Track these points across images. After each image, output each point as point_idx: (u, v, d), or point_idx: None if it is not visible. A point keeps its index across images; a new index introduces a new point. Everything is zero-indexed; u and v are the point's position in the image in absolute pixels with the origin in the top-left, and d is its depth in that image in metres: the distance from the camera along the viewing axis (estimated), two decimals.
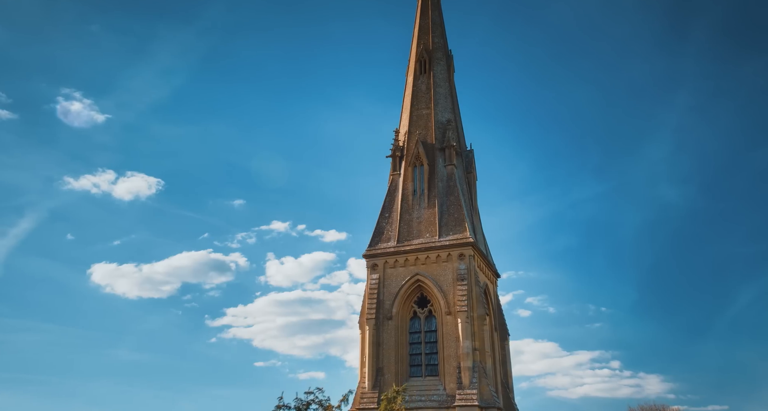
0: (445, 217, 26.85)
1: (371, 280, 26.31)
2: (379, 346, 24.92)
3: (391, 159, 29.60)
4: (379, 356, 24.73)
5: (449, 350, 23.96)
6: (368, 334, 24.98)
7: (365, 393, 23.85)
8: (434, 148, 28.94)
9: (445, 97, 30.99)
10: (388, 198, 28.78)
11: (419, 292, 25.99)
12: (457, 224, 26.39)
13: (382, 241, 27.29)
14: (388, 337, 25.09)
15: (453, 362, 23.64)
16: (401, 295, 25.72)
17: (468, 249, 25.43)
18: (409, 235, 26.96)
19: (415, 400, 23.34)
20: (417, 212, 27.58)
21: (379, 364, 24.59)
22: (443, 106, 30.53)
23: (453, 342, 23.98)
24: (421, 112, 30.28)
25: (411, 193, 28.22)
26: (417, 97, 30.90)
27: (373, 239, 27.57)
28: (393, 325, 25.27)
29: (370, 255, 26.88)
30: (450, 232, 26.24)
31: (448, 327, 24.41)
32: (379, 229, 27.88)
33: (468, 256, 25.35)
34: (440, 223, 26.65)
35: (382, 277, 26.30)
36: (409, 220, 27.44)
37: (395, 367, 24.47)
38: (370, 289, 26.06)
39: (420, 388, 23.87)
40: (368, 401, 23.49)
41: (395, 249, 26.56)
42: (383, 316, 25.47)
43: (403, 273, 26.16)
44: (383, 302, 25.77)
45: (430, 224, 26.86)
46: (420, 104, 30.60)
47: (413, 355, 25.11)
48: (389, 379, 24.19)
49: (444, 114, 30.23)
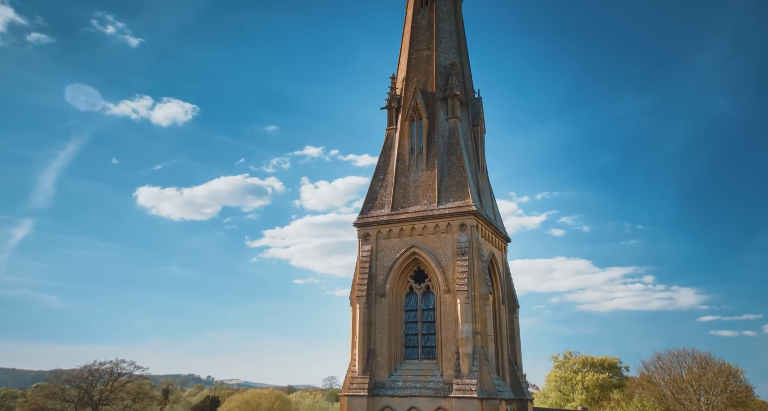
0: (446, 181, 23.51)
1: (362, 252, 23.60)
2: (371, 326, 22.63)
3: (387, 111, 25.93)
4: (371, 337, 22.50)
5: (447, 333, 21.50)
6: (359, 312, 22.63)
7: (355, 378, 21.85)
8: (435, 98, 25.07)
9: (449, 35, 26.60)
10: (382, 157, 25.43)
11: (416, 266, 23.26)
12: (458, 189, 23.08)
13: (375, 208, 24.30)
14: (381, 315, 22.71)
15: (451, 346, 21.25)
16: (396, 269, 23.04)
17: (470, 218, 22.28)
18: (404, 201, 23.85)
19: (409, 386, 21.26)
20: (414, 174, 24.27)
21: (371, 345, 22.40)
22: (447, 46, 26.23)
23: (452, 324, 21.47)
24: (421, 54, 26.12)
25: (408, 152, 24.78)
26: (416, 36, 26.60)
27: (365, 205, 24.60)
28: (386, 303, 22.80)
29: (361, 224, 24.02)
30: (450, 199, 23.00)
31: (446, 307, 21.82)
32: (372, 193, 24.80)
33: (470, 227, 22.25)
34: (440, 187, 23.37)
35: (374, 249, 23.56)
36: (406, 184, 24.22)
37: (388, 349, 22.25)
38: (361, 262, 23.41)
39: (415, 372, 21.72)
40: (358, 387, 21.54)
41: (389, 217, 23.58)
42: (375, 293, 22.98)
43: (397, 244, 23.34)
44: (376, 277, 23.19)
45: (428, 189, 23.62)
46: (420, 44, 26.36)
47: (409, 335, 22.77)
48: (382, 362, 22.08)
49: (447, 56, 26.01)
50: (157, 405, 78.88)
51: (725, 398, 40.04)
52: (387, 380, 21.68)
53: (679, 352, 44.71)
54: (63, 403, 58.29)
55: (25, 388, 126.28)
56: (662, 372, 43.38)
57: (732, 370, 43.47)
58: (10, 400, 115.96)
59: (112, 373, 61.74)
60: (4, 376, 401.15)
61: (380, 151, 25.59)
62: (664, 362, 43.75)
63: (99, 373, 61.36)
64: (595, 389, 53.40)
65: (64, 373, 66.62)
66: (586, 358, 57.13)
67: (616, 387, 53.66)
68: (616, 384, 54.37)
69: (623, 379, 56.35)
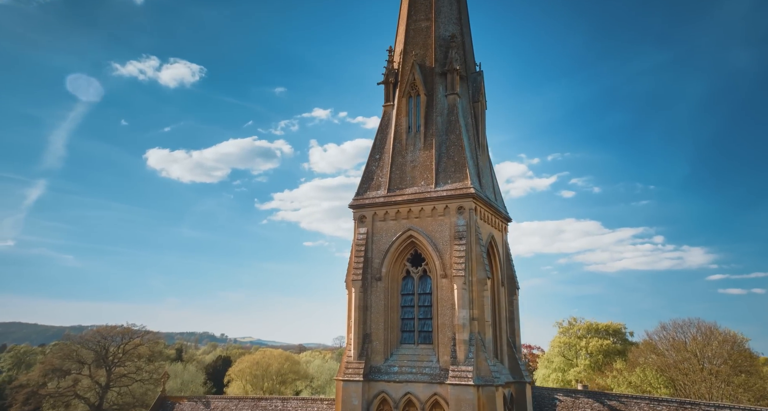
0: (444, 161, 22.66)
1: (358, 234, 23.08)
2: (367, 310, 22.34)
3: (384, 86, 24.84)
4: (367, 321, 22.25)
5: (444, 318, 21.17)
6: (354, 296, 22.32)
7: (350, 362, 21.75)
8: (434, 73, 23.90)
9: (449, 4, 25.13)
10: (379, 135, 24.53)
11: (412, 249, 22.73)
12: (457, 170, 22.26)
13: (371, 189, 23.60)
14: (376, 299, 22.38)
15: (448, 332, 20.95)
16: (392, 252, 22.54)
17: (468, 201, 21.56)
18: (401, 182, 23.10)
19: (405, 372, 21.13)
20: (411, 154, 23.41)
21: (367, 329, 22.18)
22: (447, 16, 24.83)
23: (449, 309, 21.10)
24: (420, 25, 24.76)
25: (405, 131, 23.84)
26: (415, 5, 25.17)
27: (361, 186, 23.90)
28: (382, 287, 22.42)
29: (356, 205, 23.39)
30: (448, 180, 22.22)
31: (443, 291, 21.41)
32: (368, 173, 24.05)
33: (468, 210, 21.55)
34: (437, 168, 22.55)
35: (370, 232, 23.02)
36: (402, 164, 23.41)
37: (384, 333, 22.02)
38: (356, 245, 22.93)
39: (411, 357, 21.54)
40: (353, 372, 21.45)
41: (385, 199, 22.91)
42: (371, 277, 22.59)
43: (394, 227, 22.75)
44: (371, 260, 22.74)
45: (425, 169, 22.81)
46: (418, 14, 24.96)
47: (405, 319, 22.49)
48: (378, 347, 21.91)
49: (447, 27, 24.64)
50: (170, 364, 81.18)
51: (729, 367, 40.00)
52: (383, 365, 21.56)
53: (684, 321, 44.53)
54: (78, 364, 60.00)
55: (45, 346, 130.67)
56: (666, 342, 43.34)
57: (738, 339, 43.30)
58: (30, 356, 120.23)
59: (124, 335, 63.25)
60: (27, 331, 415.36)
61: (377, 129, 24.67)
62: (668, 332, 43.66)
63: (112, 336, 62.89)
64: (599, 355, 53.76)
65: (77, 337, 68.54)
66: (591, 324, 57.33)
67: (620, 352, 53.96)
68: (620, 349, 54.65)
69: (627, 344, 56.60)
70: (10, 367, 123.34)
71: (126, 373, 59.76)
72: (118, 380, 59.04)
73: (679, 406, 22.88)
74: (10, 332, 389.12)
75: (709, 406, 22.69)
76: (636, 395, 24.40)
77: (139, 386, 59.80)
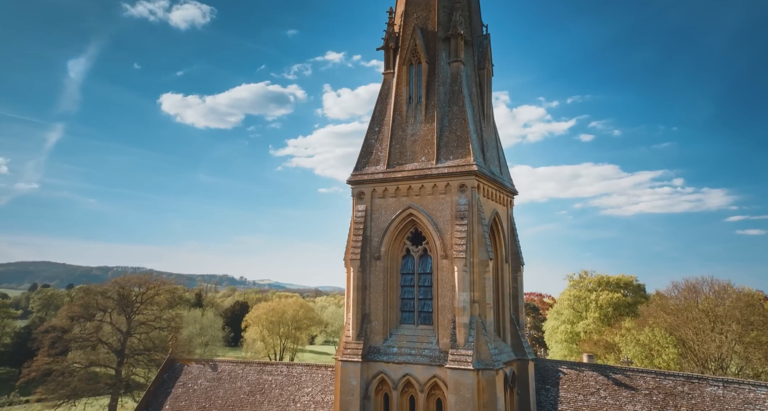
0: (446, 135, 21.39)
1: (356, 212, 22.28)
2: (366, 290, 21.89)
3: (384, 52, 23.19)
4: (366, 301, 21.85)
5: (444, 300, 20.65)
6: (353, 276, 21.82)
7: (349, 342, 21.54)
8: (436, 38, 22.15)
9: None
10: (378, 106, 23.16)
11: (413, 227, 21.93)
12: (459, 145, 21.02)
13: (370, 164, 22.54)
14: (376, 279, 21.87)
15: (448, 314, 20.49)
16: (392, 230, 21.79)
17: (471, 179, 20.48)
18: (401, 157, 21.97)
19: (404, 353, 20.89)
20: (412, 127, 22.13)
21: (366, 309, 21.82)
22: None
23: (449, 291, 20.54)
24: None
25: (405, 102, 22.43)
26: None
27: (359, 160, 22.83)
28: (382, 266, 21.85)
29: (355, 181, 22.44)
30: (450, 156, 21.05)
31: (444, 272, 20.77)
32: (367, 147, 22.91)
33: (470, 188, 20.52)
34: (439, 143, 21.32)
35: (369, 209, 22.19)
36: (402, 138, 22.18)
37: (384, 313, 21.65)
38: (355, 222, 22.18)
39: (411, 338, 21.25)
40: (352, 352, 21.28)
41: (384, 175, 21.89)
42: (370, 256, 21.97)
43: (393, 205, 21.87)
44: (370, 239, 22.06)
45: (426, 144, 21.60)
46: None
47: (405, 299, 22.03)
48: (377, 328, 21.61)
49: None
50: (189, 310, 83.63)
51: (740, 327, 39.58)
52: (382, 345, 21.33)
53: (697, 280, 43.81)
54: (100, 312, 61.93)
55: (71, 289, 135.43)
56: (677, 301, 42.85)
57: (753, 298, 42.61)
58: (57, 298, 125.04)
59: (142, 284, 64.80)
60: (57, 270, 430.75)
61: (376, 99, 23.27)
62: (680, 291, 43.05)
63: (130, 285, 64.47)
64: (609, 307, 53.68)
65: (97, 287, 70.51)
66: (602, 277, 56.92)
67: (630, 305, 53.80)
68: (631, 302, 54.46)
69: (639, 296, 56.34)
70: (39, 307, 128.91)
71: (145, 320, 61.53)
72: (138, 328, 60.90)
73: (686, 381, 22.52)
74: (40, 271, 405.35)
75: (717, 380, 22.30)
76: (642, 369, 24.10)
77: (157, 334, 61.73)
